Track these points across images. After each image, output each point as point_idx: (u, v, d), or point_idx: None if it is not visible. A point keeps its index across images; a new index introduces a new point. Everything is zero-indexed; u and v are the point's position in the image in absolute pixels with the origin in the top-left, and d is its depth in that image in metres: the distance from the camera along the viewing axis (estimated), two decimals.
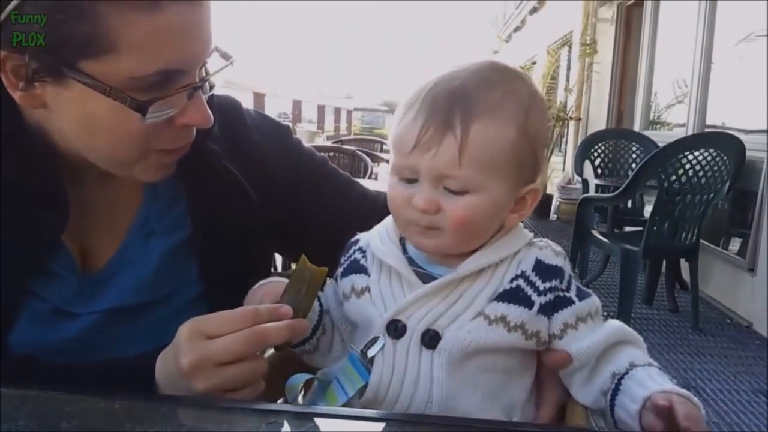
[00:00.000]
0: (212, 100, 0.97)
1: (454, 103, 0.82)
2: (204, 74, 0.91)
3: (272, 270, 1.24)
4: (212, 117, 0.91)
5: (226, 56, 0.92)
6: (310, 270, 0.86)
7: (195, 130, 0.93)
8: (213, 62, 0.92)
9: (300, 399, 0.94)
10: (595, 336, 0.85)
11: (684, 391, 0.78)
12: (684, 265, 4.52)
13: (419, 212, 0.84)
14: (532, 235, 0.91)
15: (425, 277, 0.88)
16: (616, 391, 0.82)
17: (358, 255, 0.96)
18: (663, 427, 0.75)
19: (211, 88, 0.95)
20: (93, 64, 0.79)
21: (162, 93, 0.83)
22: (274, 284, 0.90)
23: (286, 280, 0.90)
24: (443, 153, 0.81)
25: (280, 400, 0.91)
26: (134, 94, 0.81)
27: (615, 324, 0.88)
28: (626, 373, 0.83)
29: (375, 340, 0.85)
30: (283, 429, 0.73)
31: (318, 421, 0.73)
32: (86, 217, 0.97)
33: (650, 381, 0.81)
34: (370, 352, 0.84)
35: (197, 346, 0.78)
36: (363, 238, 0.98)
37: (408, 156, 0.84)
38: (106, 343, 0.96)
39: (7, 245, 0.90)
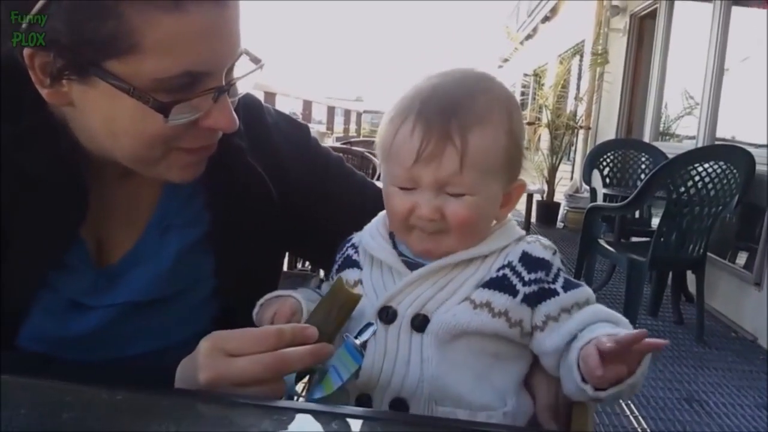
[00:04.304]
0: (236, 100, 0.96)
1: (450, 115, 0.86)
2: (232, 77, 0.89)
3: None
4: (237, 121, 0.90)
5: (256, 60, 0.91)
6: (345, 294, 0.86)
7: (220, 132, 0.92)
8: (242, 66, 0.90)
9: (300, 387, 0.95)
10: (570, 323, 0.86)
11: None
12: (690, 278, 4.51)
13: (425, 221, 0.89)
14: (524, 232, 0.95)
15: (414, 267, 0.92)
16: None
17: (350, 251, 1.00)
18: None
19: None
20: (117, 64, 0.79)
21: (186, 95, 0.83)
22: (283, 301, 0.91)
23: (293, 294, 0.90)
24: (446, 164, 0.86)
25: None
26: (158, 95, 0.81)
27: (592, 308, 0.89)
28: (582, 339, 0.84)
29: (367, 326, 0.87)
30: (286, 425, 0.73)
31: (322, 418, 0.74)
32: (105, 211, 0.97)
33: (590, 334, 0.82)
34: (363, 337, 0.85)
35: (216, 364, 0.78)
36: (356, 235, 1.02)
37: (409, 169, 0.88)
38: (118, 339, 0.96)
39: (25, 237, 0.91)
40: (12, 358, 0.91)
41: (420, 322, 0.87)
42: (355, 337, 0.85)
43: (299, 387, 1.01)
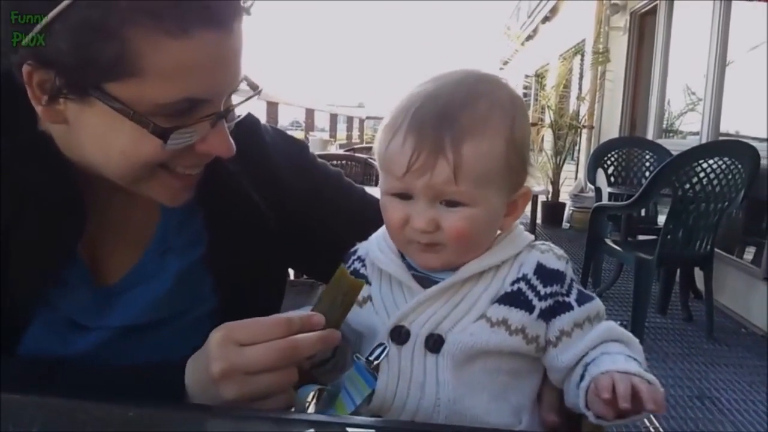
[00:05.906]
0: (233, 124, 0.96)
1: (442, 126, 0.82)
2: (230, 103, 0.89)
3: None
4: (234, 147, 0.89)
5: (253, 86, 0.91)
6: (348, 282, 0.85)
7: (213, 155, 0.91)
8: (240, 91, 0.91)
9: (311, 409, 0.94)
10: (582, 342, 0.85)
11: (635, 370, 0.78)
12: (698, 274, 4.50)
13: (419, 232, 0.85)
14: (533, 237, 0.92)
15: (425, 282, 0.89)
16: (581, 379, 0.82)
17: (357, 264, 0.97)
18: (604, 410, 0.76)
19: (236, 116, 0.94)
20: (118, 87, 0.78)
21: (185, 120, 0.83)
22: None
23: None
24: (438, 175, 0.82)
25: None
26: (157, 119, 0.80)
27: (605, 325, 0.87)
28: (592, 360, 0.83)
29: (380, 347, 0.85)
30: None
31: (332, 429, 0.74)
32: (102, 230, 0.97)
33: (610, 364, 0.80)
34: (375, 359, 0.84)
35: (228, 353, 0.78)
36: (362, 247, 0.99)
37: (401, 179, 0.84)
38: (116, 358, 0.96)
39: (24, 252, 0.90)
40: (21, 363, 0.91)
41: (434, 343, 0.84)
42: (368, 358, 0.84)
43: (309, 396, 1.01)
